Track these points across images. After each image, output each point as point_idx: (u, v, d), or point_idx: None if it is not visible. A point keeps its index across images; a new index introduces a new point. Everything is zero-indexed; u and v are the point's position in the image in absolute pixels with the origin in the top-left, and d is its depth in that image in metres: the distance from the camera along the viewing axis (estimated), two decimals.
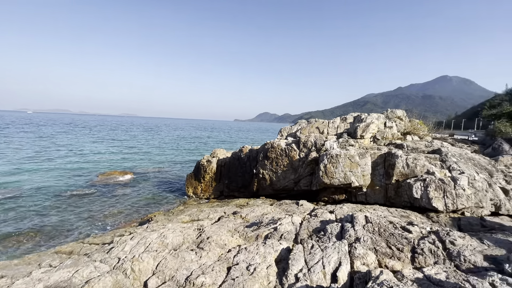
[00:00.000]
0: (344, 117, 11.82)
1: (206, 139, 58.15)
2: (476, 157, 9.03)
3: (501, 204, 7.43)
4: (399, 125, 11.04)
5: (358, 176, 8.63)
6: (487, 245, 4.36)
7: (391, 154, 8.61)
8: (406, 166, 8.21)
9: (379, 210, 7.15)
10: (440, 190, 7.27)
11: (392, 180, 8.35)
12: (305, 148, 10.24)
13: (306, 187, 10.08)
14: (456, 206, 7.11)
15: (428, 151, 8.92)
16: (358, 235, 4.41)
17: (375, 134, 10.27)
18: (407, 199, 7.92)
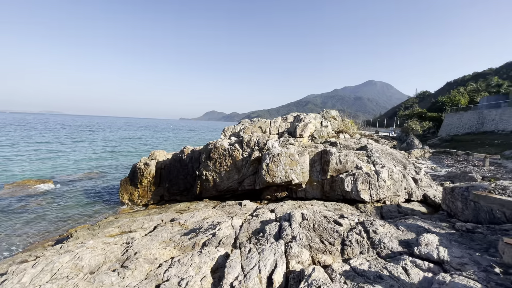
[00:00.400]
0: (285, 116, 12.31)
1: (147, 140, 53.87)
2: (394, 152, 10.40)
3: (412, 192, 8.68)
4: (333, 124, 12.04)
5: (298, 173, 9.02)
6: (401, 231, 4.94)
7: (326, 151, 9.25)
8: (339, 162, 8.91)
9: (316, 205, 7.58)
10: (366, 183, 8.10)
11: (327, 175, 8.97)
12: (248, 147, 10.25)
13: (250, 187, 10.09)
14: (379, 196, 8.02)
15: (357, 148, 9.90)
16: (294, 233, 4.50)
17: (312, 133, 10.94)
18: (340, 193, 8.61)
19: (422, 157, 26.98)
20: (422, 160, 25.54)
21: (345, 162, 8.85)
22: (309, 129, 10.66)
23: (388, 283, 3.06)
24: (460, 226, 5.08)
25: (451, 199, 6.65)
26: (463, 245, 4.31)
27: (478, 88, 55.88)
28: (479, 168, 19.73)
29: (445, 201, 6.93)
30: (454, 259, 3.53)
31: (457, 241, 4.43)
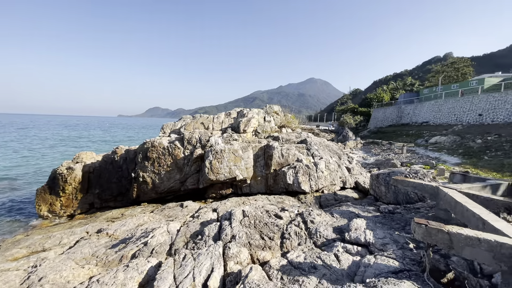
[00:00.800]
0: (229, 112, 12.09)
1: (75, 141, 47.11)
2: (330, 144, 11.18)
3: (346, 180, 9.46)
4: (276, 119, 12.35)
5: (242, 169, 8.92)
6: (336, 218, 5.24)
7: (269, 146, 9.37)
8: (281, 156, 9.12)
9: (260, 199, 7.60)
10: (306, 175, 8.47)
11: (271, 170, 9.11)
12: (190, 145, 9.70)
13: (194, 186, 9.59)
14: (318, 187, 8.48)
15: (297, 141, 10.31)
16: (234, 232, 4.33)
17: (256, 128, 11.00)
18: (283, 186, 8.84)
19: (355, 148, 30.12)
20: (355, 150, 28.51)
21: (287, 156, 9.11)
22: (252, 124, 10.68)
23: (321, 272, 3.13)
24: (384, 209, 5.66)
25: (376, 185, 7.43)
26: (386, 225, 4.78)
27: (397, 86, 65.10)
28: (399, 155, 22.99)
29: (372, 187, 7.72)
30: (378, 240, 3.84)
31: (381, 223, 4.89)
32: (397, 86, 65.41)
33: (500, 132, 22.74)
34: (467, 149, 21.34)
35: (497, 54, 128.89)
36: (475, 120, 28.81)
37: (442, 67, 48.58)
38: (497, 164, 16.18)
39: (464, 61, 47.58)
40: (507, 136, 21.30)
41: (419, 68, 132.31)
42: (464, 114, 30.75)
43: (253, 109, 11.72)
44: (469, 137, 23.93)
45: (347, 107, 59.91)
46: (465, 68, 45.62)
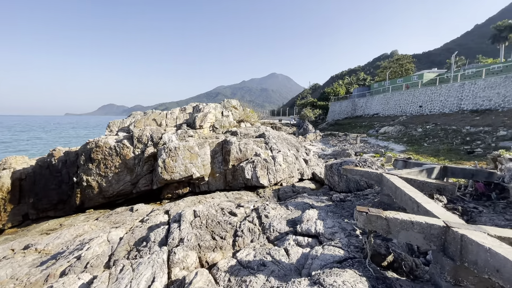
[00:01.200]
0: (184, 107, 11.47)
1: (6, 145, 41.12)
2: (289, 137, 11.35)
3: (304, 171, 9.68)
4: (235, 113, 12.12)
5: (199, 166, 8.54)
6: (290, 210, 5.25)
7: (227, 141, 9.12)
8: (239, 151, 8.95)
9: (217, 197, 7.35)
10: (264, 169, 8.44)
11: (229, 165, 8.88)
12: (140, 143, 8.97)
13: (147, 187, 8.94)
14: (276, 180, 8.52)
15: (256, 135, 10.23)
16: (182, 235, 4.03)
17: (213, 123, 10.64)
18: (242, 181, 8.70)
19: (315, 140, 31.43)
20: (315, 142, 29.75)
21: (245, 151, 8.96)
22: (209, 119, 10.28)
23: (270, 269, 3.03)
24: (336, 198, 5.86)
25: (330, 174, 7.71)
26: (336, 214, 4.91)
27: (351, 81, 69.51)
28: (353, 145, 24.57)
29: (326, 177, 8.00)
30: (327, 230, 3.89)
31: (332, 211, 5.01)
32: (351, 81, 69.86)
33: (436, 121, 25.66)
34: (410, 137, 23.68)
35: (434, 52, 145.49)
36: (417, 111, 32.10)
37: (389, 63, 53.08)
38: (434, 150, 18.21)
39: (407, 58, 52.56)
40: (442, 124, 24.12)
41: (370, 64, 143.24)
42: (407, 106, 34.04)
43: (210, 104, 11.30)
44: (412, 127, 26.59)
45: (307, 101, 62.24)
46: (407, 64, 50.48)
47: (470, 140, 18.30)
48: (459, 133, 20.36)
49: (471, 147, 16.90)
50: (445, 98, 28.68)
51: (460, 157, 15.39)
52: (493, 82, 23.97)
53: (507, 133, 16.93)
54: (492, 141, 16.68)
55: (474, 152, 15.98)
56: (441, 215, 2.81)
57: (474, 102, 25.40)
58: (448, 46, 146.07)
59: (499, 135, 17.08)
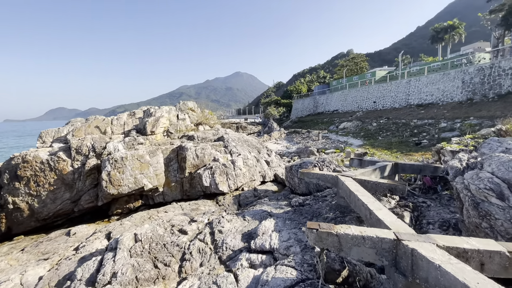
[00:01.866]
0: (133, 112, 10.43)
1: None
2: (249, 138, 11.04)
3: (266, 174, 9.45)
4: (192, 116, 11.43)
5: (151, 177, 7.78)
6: (247, 221, 4.90)
7: (182, 147, 8.47)
8: (196, 157, 8.37)
9: (171, 210, 6.71)
10: (224, 174, 7.99)
11: (185, 173, 8.26)
12: (80, 155, 7.88)
13: (91, 204, 7.89)
14: (237, 185, 8.13)
15: (214, 139, 9.72)
16: (116, 268, 3.42)
17: (167, 128, 9.85)
18: (200, 189, 8.15)
19: (279, 138, 31.79)
20: (279, 140, 30.07)
21: (202, 156, 8.41)
22: (162, 124, 9.47)
23: None
24: (295, 202, 5.66)
25: (290, 176, 7.55)
26: (294, 221, 4.69)
27: (312, 79, 72.07)
28: (316, 142, 25.30)
29: (287, 179, 7.84)
30: (282, 244, 3.61)
31: (290, 219, 4.78)
32: (312, 79, 72.47)
33: (389, 115, 27.63)
34: (366, 131, 25.13)
35: (384, 51, 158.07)
36: (371, 107, 34.30)
37: (345, 62, 56.11)
38: (387, 143, 19.49)
39: (361, 56, 56.05)
40: (393, 118, 26.02)
41: (329, 62, 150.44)
42: (363, 102, 36.21)
43: (163, 107, 10.41)
44: (368, 121, 28.30)
45: (271, 100, 62.98)
46: (362, 62, 53.83)
47: (418, 132, 19.96)
48: (408, 126, 22.11)
49: (418, 138, 18.42)
50: (395, 94, 31.03)
51: (410, 148, 16.64)
52: (434, 78, 26.50)
53: (447, 125, 18.76)
54: (435, 133, 18.35)
55: (421, 143, 17.41)
56: (392, 225, 2.68)
57: (419, 97, 27.85)
58: (396, 46, 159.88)
59: (440, 127, 18.86)
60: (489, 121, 17.13)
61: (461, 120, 19.04)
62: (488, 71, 21.69)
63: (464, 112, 20.55)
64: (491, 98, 20.75)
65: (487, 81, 21.69)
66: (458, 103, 23.06)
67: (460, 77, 23.90)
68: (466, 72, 23.44)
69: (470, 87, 22.96)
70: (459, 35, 52.81)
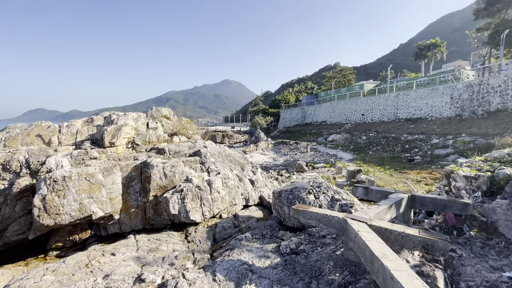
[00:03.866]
0: (91, 118, 8.69)
1: None
2: (232, 153, 9.58)
3: (249, 196, 7.99)
4: (167, 125, 9.86)
5: (103, 201, 6.11)
6: (218, 283, 3.41)
7: (147, 163, 6.88)
8: (164, 176, 6.79)
9: (122, 250, 5.05)
10: (197, 199, 6.46)
11: (149, 196, 6.64)
12: (8, 172, 6.12)
13: (21, 236, 6.09)
14: (213, 212, 6.61)
15: (190, 153, 8.18)
16: None
17: (133, 138, 8.22)
18: (167, 217, 6.57)
19: (266, 149, 30.49)
20: (266, 151, 28.75)
21: (171, 175, 6.85)
22: (125, 133, 7.82)
23: None
24: (285, 248, 4.23)
25: (279, 204, 6.15)
26: (286, 286, 3.26)
27: (300, 89, 72.12)
28: (304, 154, 24.17)
29: (275, 206, 6.42)
30: None
31: (280, 282, 3.35)
32: (301, 89, 72.54)
33: (378, 129, 27.11)
34: (356, 145, 24.35)
35: (369, 66, 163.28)
36: (360, 119, 33.92)
37: (333, 74, 56.38)
38: (379, 158, 18.60)
39: (348, 69, 56.60)
40: (382, 132, 25.45)
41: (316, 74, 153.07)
42: (351, 114, 35.83)
43: (130, 114, 8.74)
44: (357, 134, 27.65)
45: (259, 109, 62.10)
46: (349, 75, 54.26)
47: (409, 147, 19.27)
48: (399, 141, 21.46)
49: (411, 154, 17.67)
50: (383, 107, 30.77)
51: (403, 165, 15.76)
52: (422, 93, 26.36)
53: (439, 141, 18.15)
54: (427, 149, 17.66)
55: (414, 160, 16.61)
56: None
57: (408, 111, 27.60)
58: (380, 61, 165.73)
59: (433, 143, 18.23)
60: (482, 138, 16.63)
61: (452, 136, 18.54)
62: (476, 88, 21.60)
63: (455, 128, 20.16)
64: (480, 115, 20.53)
65: (476, 98, 21.57)
66: (448, 119, 22.80)
67: (449, 93, 23.78)
68: (455, 88, 23.34)
69: (458, 103, 22.82)
70: (441, 53, 54.58)
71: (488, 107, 20.45)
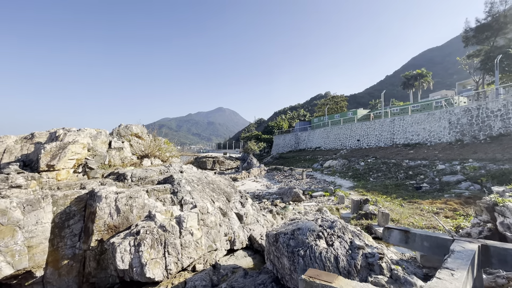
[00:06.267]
0: (31, 134, 6.84)
1: None
2: (216, 179, 7.80)
3: (235, 237, 6.09)
4: (137, 145, 8.13)
5: (16, 251, 4.14)
6: None
7: (94, 194, 5.02)
8: (115, 212, 4.91)
9: None
10: (159, 246, 4.55)
11: (92, 241, 4.69)
12: None
13: None
14: (182, 264, 4.66)
15: (159, 180, 6.37)
16: None
17: (85, 161, 6.40)
18: (115, 272, 4.57)
19: (259, 175, 28.57)
20: (259, 178, 26.80)
21: (127, 211, 4.98)
22: (71, 153, 5.98)
23: None
24: None
25: (276, 253, 4.29)
26: None
27: (293, 116, 72.23)
28: (300, 181, 22.35)
29: (269, 255, 4.55)
30: None
31: None
32: (293, 116, 72.67)
33: (375, 154, 25.84)
34: (354, 171, 22.77)
35: (358, 95, 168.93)
36: (355, 145, 32.84)
37: (326, 101, 56.80)
38: (382, 186, 16.93)
39: (340, 96, 57.25)
40: (381, 158, 24.14)
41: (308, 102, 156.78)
42: (346, 139, 34.84)
43: (85, 129, 6.96)
44: (354, 160, 26.24)
45: (252, 134, 61.11)
46: (341, 102, 54.68)
47: (413, 174, 17.80)
48: (401, 167, 20.05)
49: (416, 182, 16.14)
50: (379, 132, 29.92)
51: (410, 194, 14.12)
52: (419, 118, 25.69)
53: (445, 167, 16.80)
54: (434, 175, 16.21)
55: (422, 188, 15.04)
56: None
57: (405, 136, 26.70)
58: (369, 91, 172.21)
59: (439, 169, 16.84)
60: (492, 164, 15.34)
61: (458, 162, 17.25)
62: (475, 112, 20.96)
63: (458, 154, 18.99)
64: (482, 140, 19.57)
65: (476, 122, 20.81)
66: (448, 144, 21.78)
67: (446, 118, 23.10)
68: (452, 113, 22.72)
69: (458, 128, 22.01)
70: (428, 83, 56.23)
71: (490, 132, 19.60)
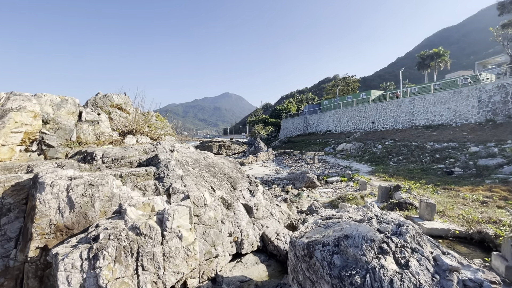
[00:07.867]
0: None
1: None
2: (220, 161, 6.18)
3: (243, 236, 4.53)
4: (120, 119, 6.52)
5: None
6: None
7: (37, 180, 3.47)
8: (68, 206, 3.36)
9: None
10: (128, 257, 3.00)
11: (30, 249, 3.19)
12: None
13: None
14: (164, 285, 3.14)
15: (141, 161, 4.78)
16: None
17: (41, 136, 4.82)
18: None
19: (267, 160, 27.02)
20: (267, 163, 25.24)
21: (86, 204, 3.42)
22: (15, 124, 4.38)
23: None
24: None
25: (308, 275, 2.68)
26: None
27: (301, 99, 69.61)
28: (311, 165, 20.70)
29: (296, 275, 2.95)
30: None
31: None
32: (302, 99, 70.04)
33: (394, 137, 23.80)
34: (371, 155, 20.94)
35: (368, 78, 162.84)
36: (370, 127, 30.70)
37: (337, 82, 53.89)
38: (406, 170, 15.11)
39: (352, 78, 54.19)
40: (400, 141, 22.12)
41: (316, 86, 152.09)
42: (360, 122, 32.65)
43: (45, 95, 5.29)
44: (370, 143, 24.29)
45: (258, 118, 59.15)
46: (353, 83, 51.73)
47: (441, 158, 15.87)
48: (425, 150, 18.08)
49: (446, 166, 14.27)
50: (396, 113, 27.65)
51: (442, 179, 12.30)
52: (442, 97, 23.29)
53: (479, 149, 14.78)
54: (467, 158, 14.27)
55: (453, 172, 13.18)
56: None
57: (426, 117, 24.43)
58: (379, 73, 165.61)
59: (471, 152, 14.86)
60: None
61: (495, 143, 15.18)
62: (511, 88, 18.51)
63: (492, 135, 16.84)
64: None
65: (511, 100, 18.43)
66: (477, 124, 19.55)
67: (476, 96, 20.68)
68: (483, 90, 20.26)
69: (489, 107, 19.65)
70: (445, 62, 52.38)
71: None
